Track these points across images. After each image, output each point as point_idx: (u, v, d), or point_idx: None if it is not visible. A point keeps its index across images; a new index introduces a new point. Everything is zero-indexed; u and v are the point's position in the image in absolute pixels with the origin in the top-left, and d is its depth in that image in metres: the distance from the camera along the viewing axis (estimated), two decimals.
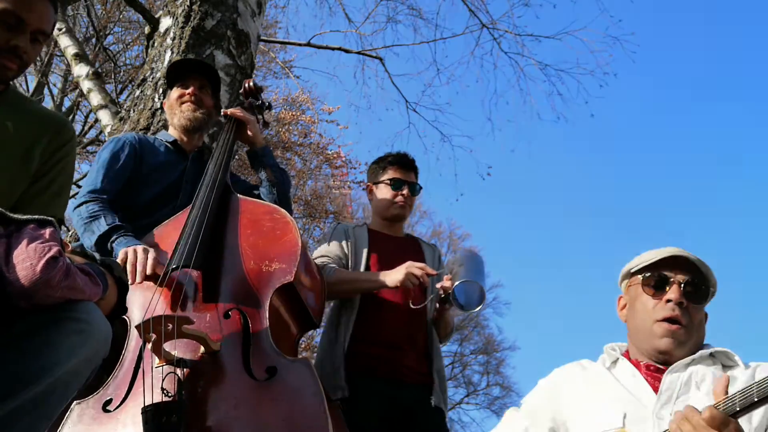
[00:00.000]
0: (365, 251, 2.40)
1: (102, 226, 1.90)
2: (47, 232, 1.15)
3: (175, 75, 2.35)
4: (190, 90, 2.28)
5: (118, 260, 1.74)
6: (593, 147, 28.14)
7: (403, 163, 2.54)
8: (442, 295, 2.20)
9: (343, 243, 2.41)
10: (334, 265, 2.31)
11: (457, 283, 2.10)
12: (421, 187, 2.59)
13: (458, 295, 2.13)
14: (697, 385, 1.38)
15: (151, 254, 1.75)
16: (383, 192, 2.52)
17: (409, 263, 2.19)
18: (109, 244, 1.87)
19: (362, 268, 2.36)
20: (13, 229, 1.13)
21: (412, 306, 2.23)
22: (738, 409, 1.15)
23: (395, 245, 2.46)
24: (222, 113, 2.43)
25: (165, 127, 2.46)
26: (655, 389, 1.41)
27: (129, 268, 1.72)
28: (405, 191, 2.49)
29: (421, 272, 2.15)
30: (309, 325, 1.89)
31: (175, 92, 2.32)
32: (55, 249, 1.11)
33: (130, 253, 1.75)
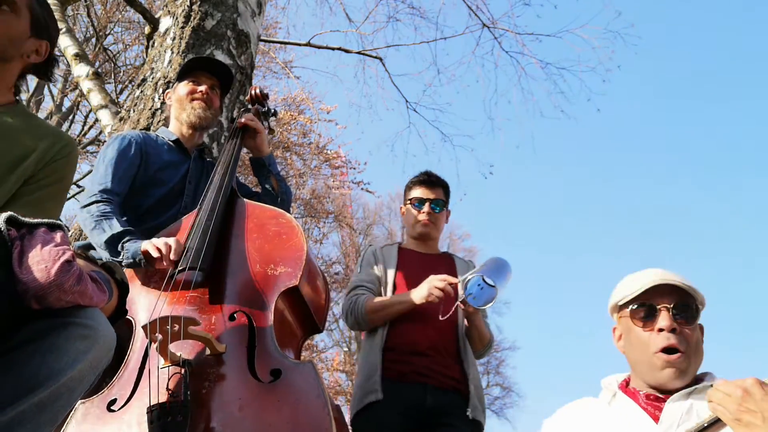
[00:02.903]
0: (392, 271, 2.44)
1: (115, 226, 1.88)
2: (58, 235, 1.16)
3: (187, 70, 2.33)
4: (203, 88, 2.28)
5: (145, 249, 1.75)
6: (595, 145, 28.16)
7: (425, 181, 2.60)
8: (461, 299, 2.20)
9: (375, 267, 2.47)
10: (365, 295, 2.36)
11: (467, 277, 2.11)
12: (446, 203, 2.61)
13: (469, 291, 2.12)
14: (698, 415, 1.35)
15: (174, 243, 1.76)
16: (409, 212, 2.59)
17: (431, 277, 2.21)
18: (120, 244, 1.85)
19: (389, 287, 2.40)
20: (24, 232, 1.14)
21: (441, 318, 2.23)
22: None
23: (424, 262, 2.47)
24: (238, 122, 2.41)
25: (165, 126, 2.45)
26: (654, 418, 1.40)
27: (155, 254, 1.72)
28: (426, 208, 2.53)
29: (444, 283, 2.16)
30: (313, 329, 1.89)
31: (185, 87, 2.29)
32: (68, 253, 1.12)
33: (155, 243, 1.75)
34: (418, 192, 2.58)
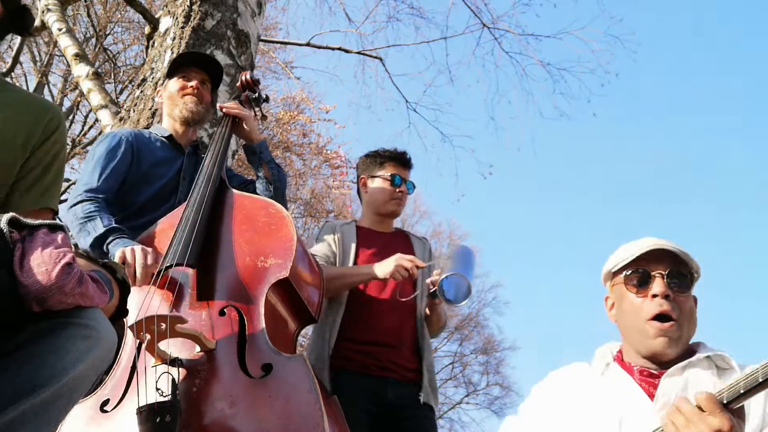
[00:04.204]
0: (353, 246, 2.38)
1: (98, 227, 1.87)
2: (59, 237, 1.15)
3: (177, 66, 2.33)
4: (194, 83, 2.27)
5: (116, 260, 1.72)
6: (595, 146, 28.15)
7: (403, 160, 2.54)
8: (431, 290, 2.19)
9: (331, 241, 2.40)
10: (322, 263, 2.30)
11: (443, 276, 2.09)
12: (415, 186, 2.58)
13: (446, 289, 2.12)
14: (695, 390, 1.31)
15: (150, 256, 1.73)
16: (380, 187, 2.50)
17: (398, 255, 2.17)
18: (105, 246, 1.84)
19: (350, 264, 2.35)
20: (26, 233, 1.14)
21: (399, 298, 2.22)
22: (725, 401, 1.12)
23: (384, 240, 2.45)
24: (219, 107, 2.42)
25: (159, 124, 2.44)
26: (650, 394, 1.38)
27: (128, 270, 1.69)
28: (403, 188, 2.49)
29: (411, 264, 2.14)
30: (308, 319, 1.88)
31: (176, 83, 2.29)
32: (69, 256, 1.12)
33: (128, 253, 1.71)
34: (394, 169, 2.50)
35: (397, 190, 2.47)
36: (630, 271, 1.45)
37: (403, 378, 2.26)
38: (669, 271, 1.42)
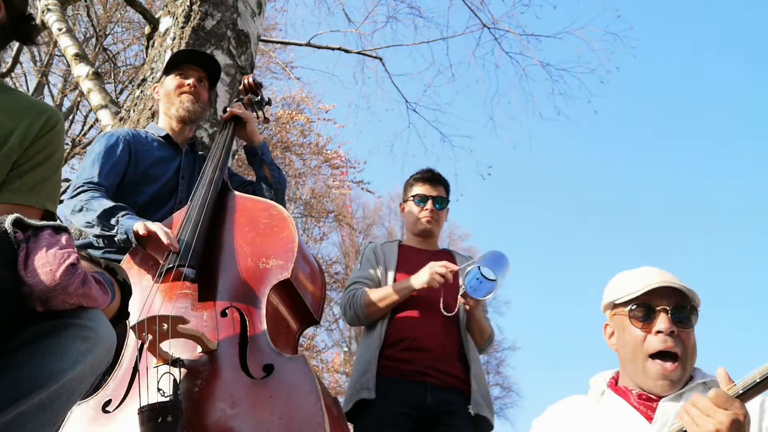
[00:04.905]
0: (393, 269, 2.44)
1: (105, 203, 1.87)
2: (63, 238, 1.15)
3: (174, 63, 2.31)
4: (191, 81, 2.26)
5: (141, 231, 1.74)
6: (596, 145, 28.16)
7: (427, 178, 2.59)
8: (462, 292, 2.20)
9: (375, 265, 2.46)
10: (363, 288, 2.34)
11: (468, 269, 2.12)
12: (448, 201, 2.61)
13: (470, 284, 2.13)
14: None
15: (164, 233, 1.75)
16: (410, 208, 2.58)
17: (431, 263, 2.22)
18: (114, 218, 1.83)
19: (390, 281, 2.40)
20: (30, 234, 1.14)
21: (445, 313, 2.24)
22: (741, 391, 1.16)
23: (424, 258, 2.46)
24: (223, 109, 2.42)
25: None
26: (647, 417, 1.40)
27: (156, 233, 1.71)
28: (429, 206, 2.53)
29: (445, 270, 2.17)
30: (309, 321, 1.88)
31: (172, 81, 2.28)
32: (73, 256, 1.12)
33: (153, 226, 1.74)
34: (420, 189, 2.57)
35: (423, 209, 2.52)
36: (634, 306, 1.47)
37: (443, 383, 2.25)
38: (673, 307, 1.43)
